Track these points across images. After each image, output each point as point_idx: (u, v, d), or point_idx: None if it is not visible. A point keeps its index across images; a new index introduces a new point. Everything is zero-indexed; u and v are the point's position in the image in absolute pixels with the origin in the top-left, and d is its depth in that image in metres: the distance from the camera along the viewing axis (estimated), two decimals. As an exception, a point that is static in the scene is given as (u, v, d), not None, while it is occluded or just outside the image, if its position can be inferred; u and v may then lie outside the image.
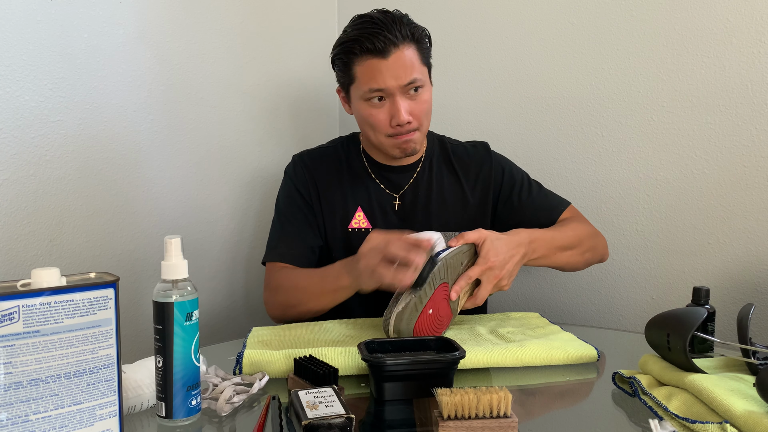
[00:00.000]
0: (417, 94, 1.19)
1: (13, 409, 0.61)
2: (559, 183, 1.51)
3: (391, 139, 1.21)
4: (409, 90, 1.17)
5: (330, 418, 0.67)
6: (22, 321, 0.61)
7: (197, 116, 1.43)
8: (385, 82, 1.15)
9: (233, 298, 1.55)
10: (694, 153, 1.34)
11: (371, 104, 1.19)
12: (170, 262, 0.74)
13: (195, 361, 0.75)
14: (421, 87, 1.19)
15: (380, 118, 1.19)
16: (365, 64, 1.16)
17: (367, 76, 1.17)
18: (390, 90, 1.16)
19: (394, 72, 1.15)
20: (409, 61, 1.16)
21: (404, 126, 1.18)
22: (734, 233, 1.30)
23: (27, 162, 1.14)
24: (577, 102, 1.47)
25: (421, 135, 1.23)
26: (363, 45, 1.15)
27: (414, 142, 1.22)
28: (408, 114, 1.17)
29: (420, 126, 1.21)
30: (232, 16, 1.49)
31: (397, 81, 1.15)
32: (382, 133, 1.21)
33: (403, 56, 1.15)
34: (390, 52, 1.15)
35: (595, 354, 0.95)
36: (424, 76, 1.20)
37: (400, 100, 1.17)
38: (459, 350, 0.84)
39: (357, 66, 1.18)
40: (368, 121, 1.21)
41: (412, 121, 1.19)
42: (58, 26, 1.16)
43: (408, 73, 1.16)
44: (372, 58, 1.15)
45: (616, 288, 1.45)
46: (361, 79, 1.18)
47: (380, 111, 1.19)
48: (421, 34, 1.19)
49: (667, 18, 1.35)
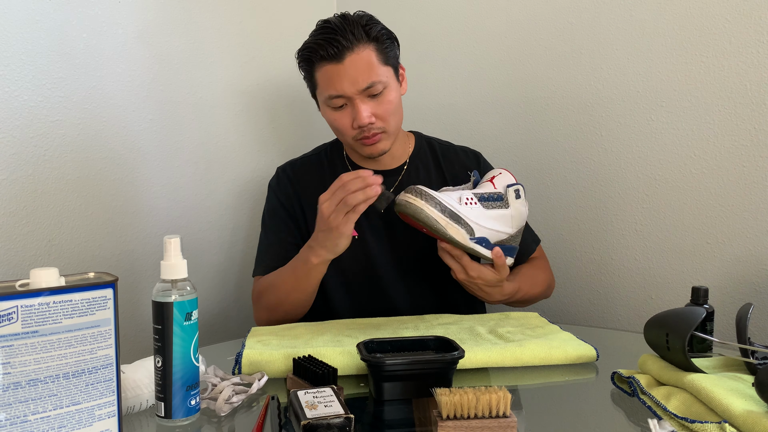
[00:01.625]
0: (381, 96, 1.17)
1: (11, 410, 0.61)
2: (558, 183, 1.51)
3: (358, 141, 1.20)
4: (369, 92, 1.16)
5: (329, 418, 0.67)
6: (21, 321, 0.61)
7: (196, 116, 1.42)
8: (342, 88, 1.15)
9: (233, 297, 1.55)
10: (693, 153, 1.34)
11: (334, 109, 1.19)
12: (169, 262, 0.74)
13: (194, 360, 0.75)
14: (384, 88, 1.17)
15: (343, 122, 1.19)
16: (323, 71, 1.16)
17: (326, 82, 1.16)
18: (348, 95, 1.15)
19: (350, 77, 1.14)
20: (366, 63, 1.14)
21: (367, 128, 1.17)
22: (733, 233, 1.30)
23: (26, 162, 1.14)
24: (576, 102, 1.47)
25: (390, 135, 1.22)
26: (318, 52, 1.15)
27: (381, 142, 1.21)
28: (370, 116, 1.16)
29: (386, 126, 1.19)
30: (231, 16, 1.49)
31: (354, 86, 1.14)
32: (348, 136, 1.20)
33: (358, 59, 1.14)
34: (344, 57, 1.13)
35: (594, 354, 0.96)
36: (387, 77, 1.18)
37: (360, 103, 1.15)
38: (458, 350, 0.84)
39: (317, 72, 1.18)
40: (333, 125, 1.21)
41: (375, 122, 1.17)
42: (57, 26, 1.16)
43: (365, 77, 1.14)
44: (328, 64, 1.15)
45: (615, 288, 1.45)
46: (322, 86, 1.18)
47: (342, 115, 1.18)
48: (379, 34, 1.17)
49: (667, 18, 1.35)
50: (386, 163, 1.29)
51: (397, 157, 1.29)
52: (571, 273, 1.50)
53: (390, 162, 1.29)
